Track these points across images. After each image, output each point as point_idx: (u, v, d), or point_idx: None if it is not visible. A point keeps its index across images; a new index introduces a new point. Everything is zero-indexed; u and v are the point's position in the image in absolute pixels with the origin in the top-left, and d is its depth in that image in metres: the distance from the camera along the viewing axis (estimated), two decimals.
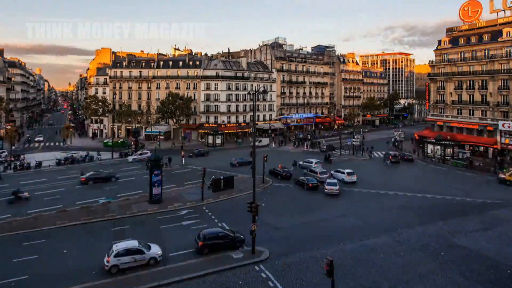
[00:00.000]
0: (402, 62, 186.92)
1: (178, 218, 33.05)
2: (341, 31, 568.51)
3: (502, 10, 66.52)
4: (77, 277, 22.23)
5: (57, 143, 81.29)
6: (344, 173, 46.48)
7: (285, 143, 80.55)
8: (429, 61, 78.09)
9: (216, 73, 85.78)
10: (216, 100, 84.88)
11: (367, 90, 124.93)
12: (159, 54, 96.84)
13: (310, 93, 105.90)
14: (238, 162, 56.34)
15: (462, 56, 69.58)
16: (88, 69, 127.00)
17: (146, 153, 62.21)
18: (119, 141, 76.84)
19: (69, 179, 48.59)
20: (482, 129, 64.20)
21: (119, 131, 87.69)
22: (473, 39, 67.88)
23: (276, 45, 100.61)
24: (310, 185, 42.18)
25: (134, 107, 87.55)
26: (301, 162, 54.94)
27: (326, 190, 40.35)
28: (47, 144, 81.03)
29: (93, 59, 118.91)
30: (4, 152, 64.81)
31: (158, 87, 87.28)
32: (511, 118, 60.19)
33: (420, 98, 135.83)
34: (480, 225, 31.13)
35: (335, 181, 42.53)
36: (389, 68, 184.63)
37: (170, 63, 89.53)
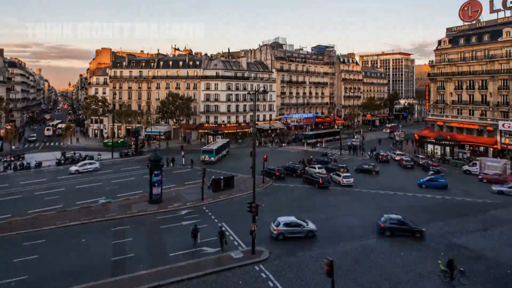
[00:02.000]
0: (402, 62, 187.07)
1: (178, 218, 33.06)
2: (340, 35, 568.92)
3: (502, 10, 66.53)
4: (77, 277, 22.24)
5: (57, 143, 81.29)
6: None
7: (286, 143, 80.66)
8: (429, 61, 78.15)
9: (216, 73, 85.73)
10: (216, 100, 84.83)
11: (367, 90, 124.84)
12: (159, 54, 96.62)
13: (310, 93, 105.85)
14: None
15: (462, 56, 69.54)
16: (88, 69, 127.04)
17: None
18: (119, 141, 76.83)
19: (69, 179, 48.63)
20: (482, 129, 64.18)
21: (119, 131, 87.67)
22: (473, 39, 67.84)
23: (276, 45, 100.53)
24: None
25: (134, 107, 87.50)
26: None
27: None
28: (47, 144, 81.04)
29: (93, 59, 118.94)
30: None
31: (158, 87, 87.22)
32: (511, 118, 60.17)
33: (420, 98, 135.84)
34: (480, 225, 31.18)
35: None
36: (389, 68, 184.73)
37: (170, 63, 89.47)
